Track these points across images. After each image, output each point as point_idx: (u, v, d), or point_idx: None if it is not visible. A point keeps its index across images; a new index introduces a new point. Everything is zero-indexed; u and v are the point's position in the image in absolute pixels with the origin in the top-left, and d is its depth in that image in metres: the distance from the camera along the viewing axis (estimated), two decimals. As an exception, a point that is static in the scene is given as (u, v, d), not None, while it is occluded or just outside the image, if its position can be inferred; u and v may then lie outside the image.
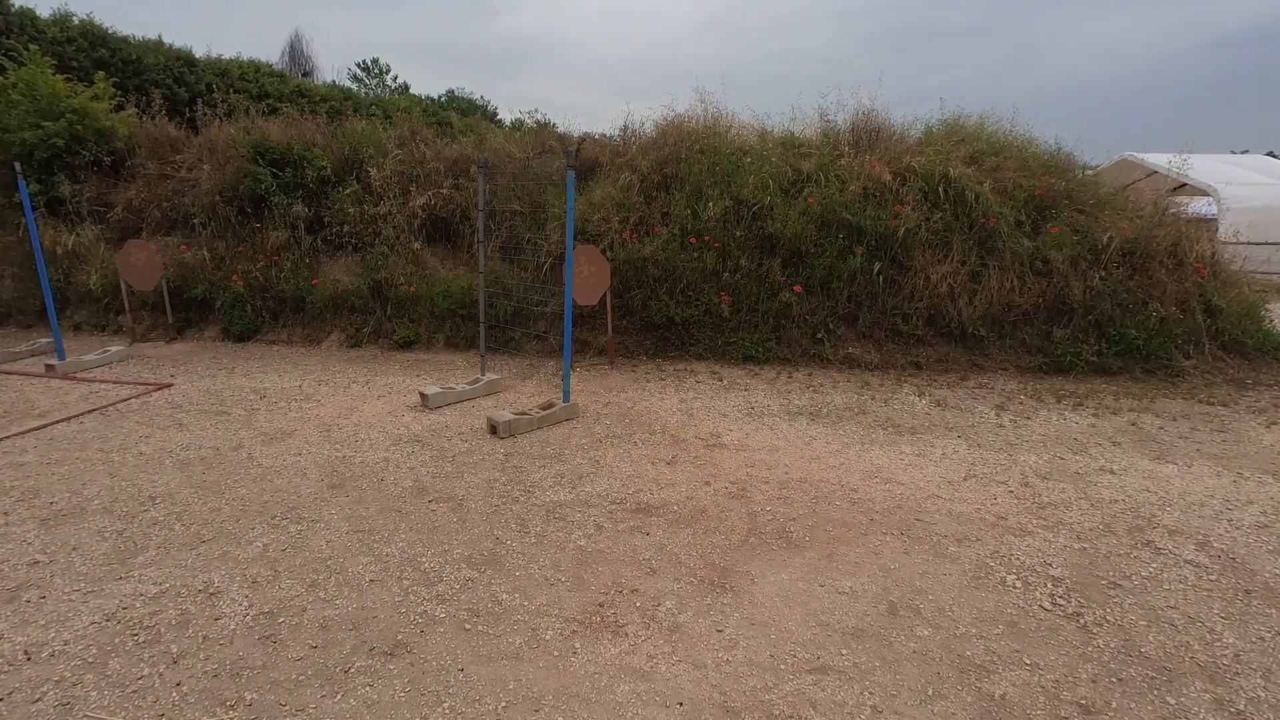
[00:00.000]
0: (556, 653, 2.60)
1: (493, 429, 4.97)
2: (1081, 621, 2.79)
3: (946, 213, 7.14)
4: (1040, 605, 2.90)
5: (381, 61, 32.36)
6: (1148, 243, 6.98)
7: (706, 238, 7.24)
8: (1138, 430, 5.17)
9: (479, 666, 2.51)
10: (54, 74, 8.92)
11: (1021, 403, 5.83)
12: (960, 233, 7.12)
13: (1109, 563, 3.26)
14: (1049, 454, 4.68)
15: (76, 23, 11.77)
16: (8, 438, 4.85)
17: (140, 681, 2.44)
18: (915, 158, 7.54)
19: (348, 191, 8.35)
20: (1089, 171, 9.08)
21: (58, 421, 5.21)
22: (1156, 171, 11.30)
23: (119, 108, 9.65)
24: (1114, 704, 2.33)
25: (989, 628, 2.74)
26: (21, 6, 10.86)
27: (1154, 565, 3.24)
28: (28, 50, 9.06)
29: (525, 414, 5.11)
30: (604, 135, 9.39)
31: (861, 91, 12.84)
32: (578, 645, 2.64)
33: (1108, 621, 2.79)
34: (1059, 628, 2.75)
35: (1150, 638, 2.69)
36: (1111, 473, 4.36)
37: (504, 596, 2.96)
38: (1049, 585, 3.05)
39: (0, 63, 8.92)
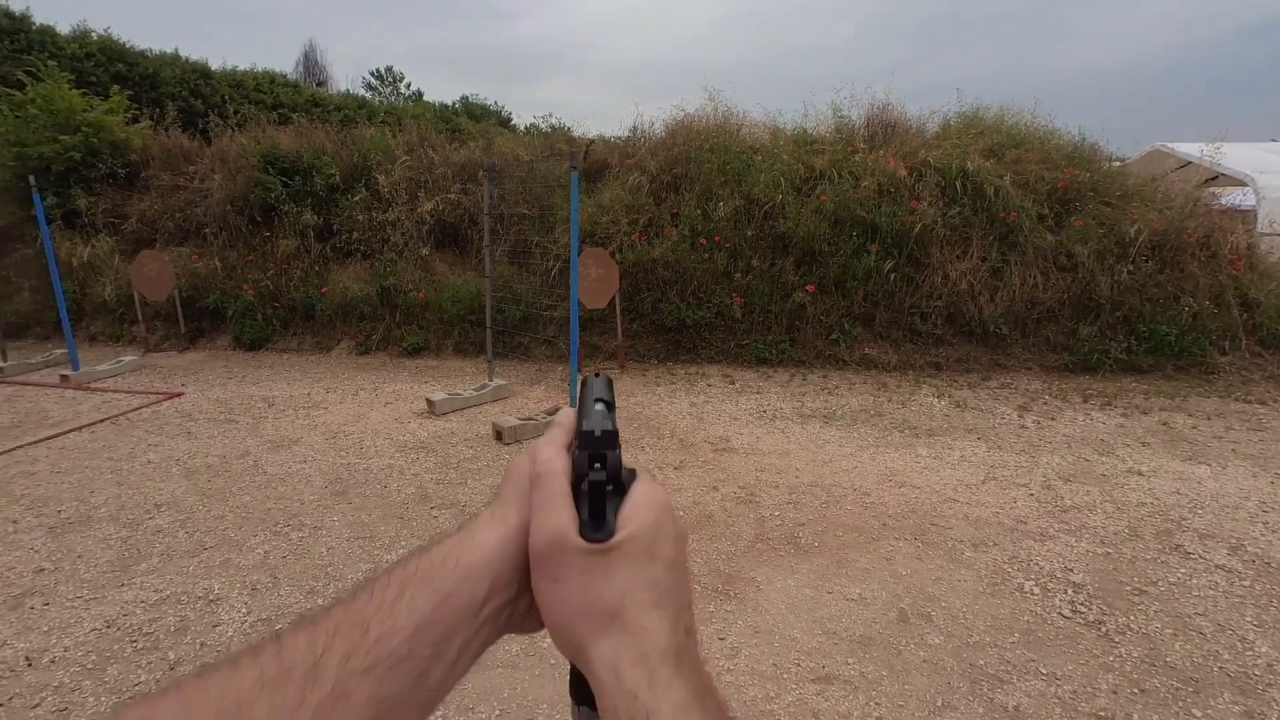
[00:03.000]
0: (553, 660, 2.52)
1: (498, 435, 4.92)
2: (1103, 629, 2.65)
3: (965, 208, 6.98)
4: (1059, 612, 2.77)
5: (395, 69, 32.71)
6: (1179, 235, 6.76)
7: (717, 238, 7.15)
8: (1169, 430, 4.98)
9: (473, 675, 2.42)
10: (71, 89, 9.09)
11: (1046, 403, 5.65)
12: (979, 228, 6.96)
13: (1134, 568, 3.11)
14: (1073, 455, 4.52)
15: (95, 38, 12.01)
16: (20, 447, 4.89)
17: (137, 688, 2.43)
18: (932, 152, 7.39)
19: (356, 198, 8.38)
20: (1117, 163, 8.83)
21: (69, 431, 5.25)
22: (1190, 162, 10.95)
23: (134, 120, 9.80)
24: (1135, 716, 2.20)
25: (1004, 636, 2.62)
26: (42, 24, 11.12)
27: (1182, 571, 3.08)
28: (46, 66, 9.24)
29: (531, 419, 5.05)
30: (616, 137, 9.36)
31: (877, 85, 12.63)
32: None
33: (1131, 629, 2.65)
34: (1078, 636, 2.61)
35: (1176, 647, 2.55)
36: (1139, 474, 4.19)
37: (502, 604, 2.89)
38: (1069, 591, 2.91)
39: (20, 79, 9.10)
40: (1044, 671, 2.42)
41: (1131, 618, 2.73)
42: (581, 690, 0.42)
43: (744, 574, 3.11)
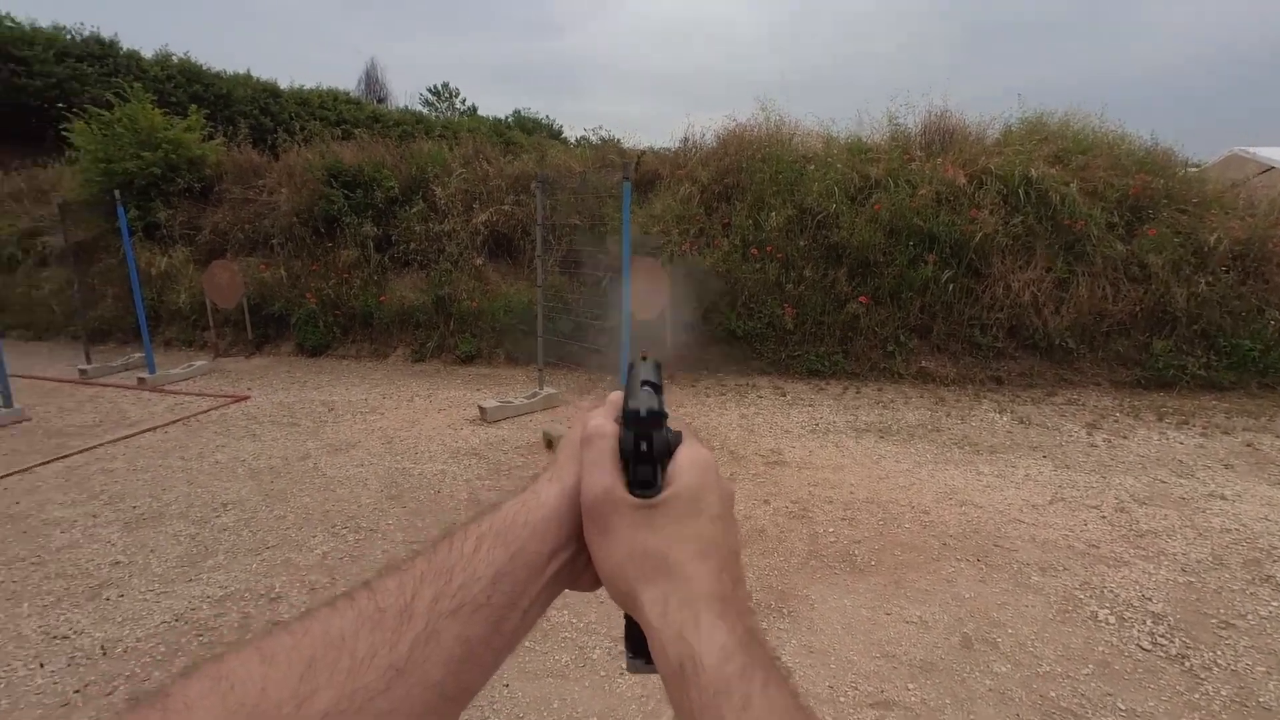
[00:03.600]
0: (603, 673, 2.50)
1: (548, 443, 4.95)
2: (1187, 664, 2.48)
3: (1028, 216, 6.73)
4: (1138, 644, 2.60)
5: (451, 85, 33.67)
6: (1263, 244, 6.38)
7: (769, 248, 7.07)
8: (1254, 451, 4.67)
9: (524, 683, 2.44)
10: (154, 108, 9.63)
11: (1117, 420, 5.38)
12: (1044, 237, 6.70)
13: (1220, 599, 2.91)
14: (1148, 477, 4.28)
15: (175, 61, 12.74)
16: (101, 445, 5.16)
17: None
18: (993, 159, 7.16)
19: (414, 210, 8.62)
20: (1193, 169, 8.39)
21: (144, 431, 5.52)
22: (1272, 167, 10.31)
23: (209, 137, 10.33)
24: (1229, 762, 2.05)
25: (1076, 667, 2.47)
26: (129, 49, 11.86)
27: (1274, 604, 2.87)
28: (132, 88, 9.82)
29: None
30: (665, 149, 9.38)
31: (934, 92, 12.31)
32: (625, 666, 2.53)
33: (1218, 665, 2.47)
34: (1160, 670, 2.45)
35: (1270, 686, 2.36)
36: (1223, 498, 3.94)
37: (552, 613, 2.88)
38: (1148, 622, 2.74)
39: (109, 100, 9.69)
40: (1122, 707, 2.27)
41: (1218, 653, 2.54)
42: (636, 641, 0.44)
43: (797, 591, 3.03)
